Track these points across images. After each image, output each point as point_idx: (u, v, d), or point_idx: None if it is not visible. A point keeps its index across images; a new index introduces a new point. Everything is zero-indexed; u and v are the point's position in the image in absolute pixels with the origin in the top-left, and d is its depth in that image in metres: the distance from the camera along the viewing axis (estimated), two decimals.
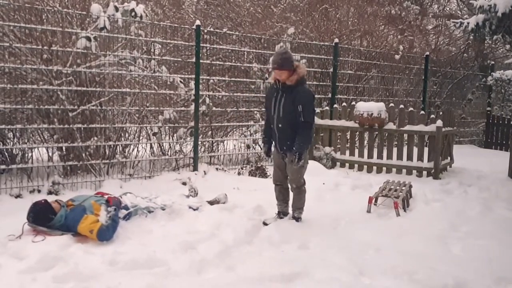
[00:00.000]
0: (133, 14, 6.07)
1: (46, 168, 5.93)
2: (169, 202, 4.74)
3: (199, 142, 7.18)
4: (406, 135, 7.67)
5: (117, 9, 5.93)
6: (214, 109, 7.33)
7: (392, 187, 5.67)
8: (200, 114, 6.95)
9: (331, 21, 10.61)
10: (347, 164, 7.92)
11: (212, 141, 7.79)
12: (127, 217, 4.29)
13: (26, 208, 4.02)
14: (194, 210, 4.74)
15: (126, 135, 6.74)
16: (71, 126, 5.80)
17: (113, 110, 6.35)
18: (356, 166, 7.88)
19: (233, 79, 7.78)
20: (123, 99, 6.48)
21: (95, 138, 6.02)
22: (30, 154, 6.10)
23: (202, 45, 6.98)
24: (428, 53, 10.76)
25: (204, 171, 6.82)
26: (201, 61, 6.93)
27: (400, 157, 7.60)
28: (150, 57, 6.60)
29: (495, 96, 12.44)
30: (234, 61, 7.81)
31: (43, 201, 4.09)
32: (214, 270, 3.46)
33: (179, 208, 4.65)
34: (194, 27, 6.82)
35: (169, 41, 7.10)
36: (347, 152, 7.95)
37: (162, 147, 7.33)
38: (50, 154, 6.12)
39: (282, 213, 4.74)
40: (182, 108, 7.14)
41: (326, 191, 5.89)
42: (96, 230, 3.80)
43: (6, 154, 6.03)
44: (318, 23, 10.18)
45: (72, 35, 5.81)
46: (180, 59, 7.13)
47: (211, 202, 5.05)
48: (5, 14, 5.58)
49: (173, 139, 7.23)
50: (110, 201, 4.26)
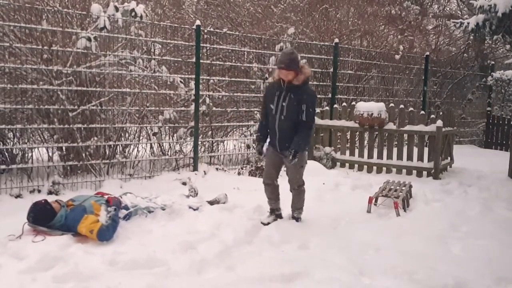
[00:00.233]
0: (133, 14, 6.07)
1: (46, 168, 5.93)
2: (169, 202, 4.74)
3: (199, 142, 7.18)
4: (406, 135, 7.67)
5: (117, 9, 5.94)
6: (214, 109, 7.33)
7: (392, 187, 5.67)
8: (200, 114, 6.95)
9: (331, 21, 10.60)
10: (347, 164, 7.93)
11: (212, 141, 7.79)
12: (127, 217, 4.29)
13: (26, 208, 4.02)
14: (194, 210, 4.74)
15: (126, 135, 6.74)
16: (71, 126, 5.80)
17: (113, 110, 6.35)
18: (356, 166, 7.88)
19: (233, 79, 7.78)
20: (123, 99, 6.48)
21: (95, 138, 6.02)
22: (30, 154, 6.10)
23: (202, 45, 6.99)
24: (428, 53, 10.76)
25: (204, 171, 6.82)
26: (201, 61, 6.93)
27: (400, 157, 7.60)
28: (150, 57, 6.60)
29: (495, 96, 12.45)
30: (234, 61, 7.81)
31: (43, 201, 4.08)
32: (214, 270, 3.46)
33: (179, 208, 4.65)
34: (194, 27, 6.83)
35: (169, 41, 7.10)
36: (347, 152, 7.95)
37: (162, 147, 7.33)
38: (50, 154, 6.13)
39: (276, 209, 4.73)
40: (182, 108, 7.14)
41: (326, 191, 5.89)
42: (96, 230, 3.80)
43: (6, 154, 6.03)
44: (318, 23, 10.17)
45: (72, 35, 5.82)
46: (180, 59, 7.13)
47: (211, 202, 5.05)
48: (5, 14, 5.59)
49: (173, 139, 7.23)
50: (110, 201, 4.26)
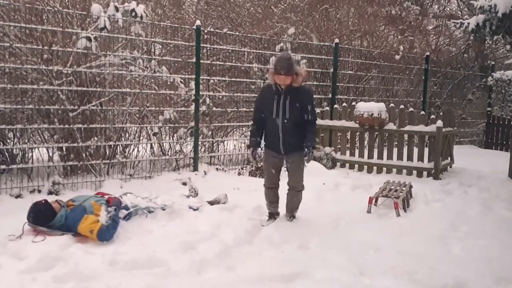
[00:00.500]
0: (133, 14, 6.08)
1: (46, 168, 5.94)
2: (169, 202, 4.74)
3: (199, 142, 7.18)
4: (406, 136, 7.66)
5: (117, 9, 5.94)
6: (215, 109, 7.34)
7: (392, 188, 5.67)
8: (200, 114, 6.95)
9: (332, 21, 10.60)
10: (347, 164, 7.93)
11: (212, 141, 7.79)
12: (127, 217, 4.29)
13: (26, 208, 4.02)
14: (194, 210, 4.74)
15: (127, 135, 6.74)
16: (72, 126, 5.80)
17: (113, 110, 6.35)
18: (356, 166, 7.88)
19: (233, 79, 7.78)
20: (124, 99, 6.49)
21: (96, 138, 6.02)
22: (30, 154, 6.10)
23: (202, 45, 6.99)
24: (428, 53, 10.75)
25: (204, 171, 6.82)
26: (201, 61, 6.94)
27: (400, 157, 7.60)
28: (150, 57, 6.60)
29: (495, 96, 12.46)
30: (234, 61, 7.81)
31: (44, 201, 4.08)
32: (214, 270, 3.46)
33: (179, 208, 4.65)
34: (195, 27, 6.83)
35: (169, 41, 7.10)
36: (347, 152, 7.96)
37: (162, 147, 7.33)
38: (51, 154, 6.13)
39: (276, 213, 4.73)
40: (183, 108, 7.14)
41: (326, 191, 5.88)
42: (96, 230, 3.80)
43: (7, 154, 6.03)
44: (319, 23, 10.17)
45: (72, 35, 5.82)
46: (180, 59, 7.14)
47: (211, 202, 5.04)
48: (5, 14, 5.59)
49: (173, 139, 7.23)
50: (110, 201, 4.26)
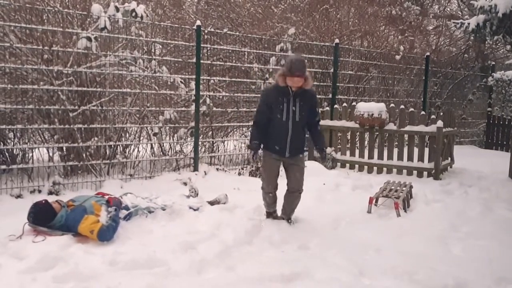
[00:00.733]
0: (133, 14, 6.08)
1: (46, 168, 5.94)
2: (169, 202, 4.73)
3: (200, 143, 7.18)
4: (406, 136, 7.66)
5: (117, 9, 5.94)
6: (215, 109, 7.34)
7: (392, 188, 5.67)
8: (200, 114, 6.95)
9: (332, 21, 10.60)
10: (348, 164, 7.93)
11: (212, 141, 7.79)
12: (128, 217, 4.29)
13: (27, 208, 4.02)
14: (195, 210, 4.73)
15: (127, 135, 6.75)
16: (72, 126, 5.81)
17: (113, 110, 6.36)
18: (356, 166, 7.88)
19: (233, 80, 7.78)
20: (124, 99, 6.49)
21: (96, 138, 6.03)
22: (30, 154, 6.11)
23: (202, 45, 6.99)
24: (428, 53, 10.76)
25: (204, 172, 6.82)
26: (201, 61, 6.94)
27: (400, 157, 7.60)
28: (150, 57, 6.60)
29: (496, 96, 12.45)
30: (234, 61, 7.82)
31: (44, 201, 4.08)
32: (214, 270, 3.45)
33: (180, 208, 4.64)
34: (195, 28, 6.83)
35: (169, 41, 7.11)
36: (348, 152, 7.96)
37: (163, 147, 7.34)
38: (51, 154, 6.13)
39: (274, 212, 4.74)
40: (183, 108, 7.15)
41: (326, 192, 5.88)
42: (96, 230, 3.80)
43: (7, 154, 6.04)
44: (319, 24, 10.17)
45: (72, 35, 5.82)
46: (180, 60, 7.14)
47: (212, 203, 5.04)
48: (5, 14, 5.59)
49: (173, 140, 7.23)
50: (110, 201, 4.26)
